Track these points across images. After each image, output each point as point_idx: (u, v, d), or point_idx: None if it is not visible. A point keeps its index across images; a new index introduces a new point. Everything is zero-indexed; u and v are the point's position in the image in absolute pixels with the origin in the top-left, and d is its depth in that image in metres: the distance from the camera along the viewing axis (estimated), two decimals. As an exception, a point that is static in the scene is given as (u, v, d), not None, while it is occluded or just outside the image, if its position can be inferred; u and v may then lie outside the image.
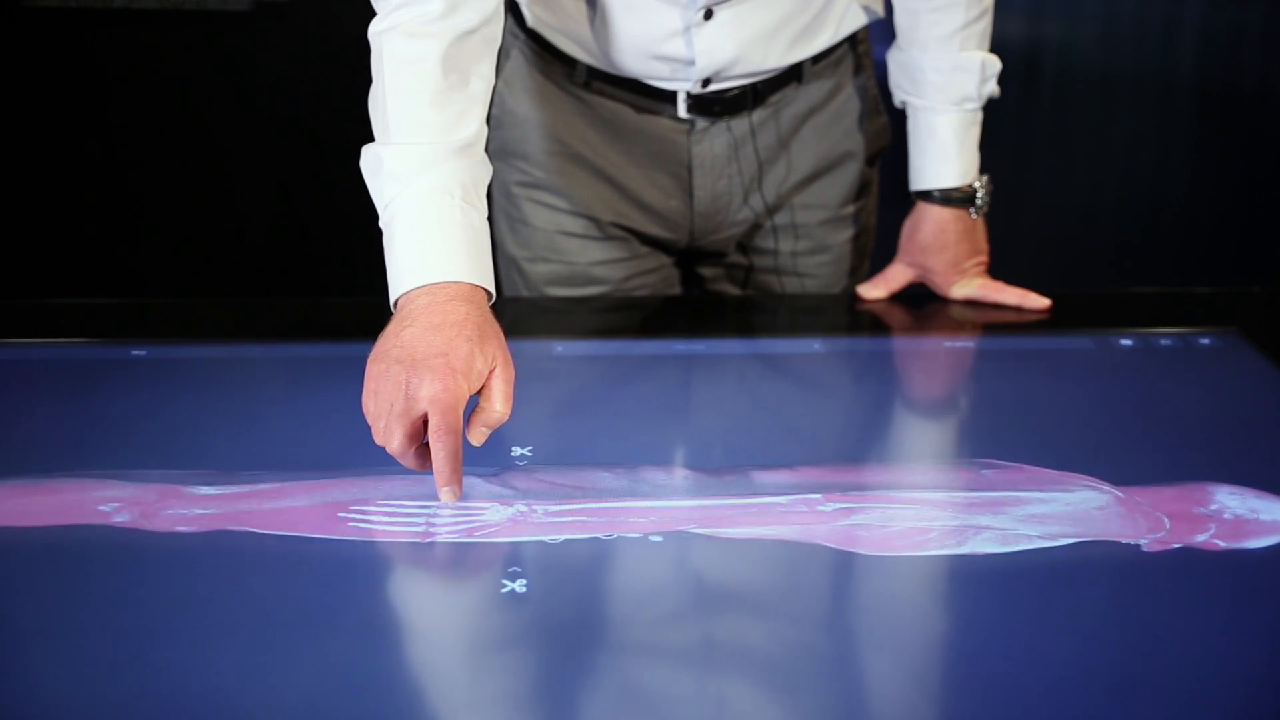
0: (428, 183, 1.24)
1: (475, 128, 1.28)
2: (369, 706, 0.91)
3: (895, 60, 1.63)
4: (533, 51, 1.60)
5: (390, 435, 1.15)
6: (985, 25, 1.59)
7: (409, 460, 1.15)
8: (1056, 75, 3.11)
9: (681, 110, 1.59)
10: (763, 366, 1.50)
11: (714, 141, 1.61)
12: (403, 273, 1.23)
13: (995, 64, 1.60)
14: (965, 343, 1.57)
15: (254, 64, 2.88)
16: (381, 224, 1.27)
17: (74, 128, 2.89)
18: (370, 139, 1.29)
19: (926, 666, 0.97)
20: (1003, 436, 1.30)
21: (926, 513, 1.15)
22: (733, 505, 1.15)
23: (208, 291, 2.93)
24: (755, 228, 1.69)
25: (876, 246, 1.77)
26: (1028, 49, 3.08)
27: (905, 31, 1.60)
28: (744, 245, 1.71)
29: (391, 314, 1.24)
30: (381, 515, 1.13)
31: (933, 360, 1.54)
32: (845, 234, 1.72)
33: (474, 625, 1.03)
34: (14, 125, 2.87)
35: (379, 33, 1.28)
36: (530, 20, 1.58)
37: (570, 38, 1.56)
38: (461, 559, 1.09)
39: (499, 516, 1.13)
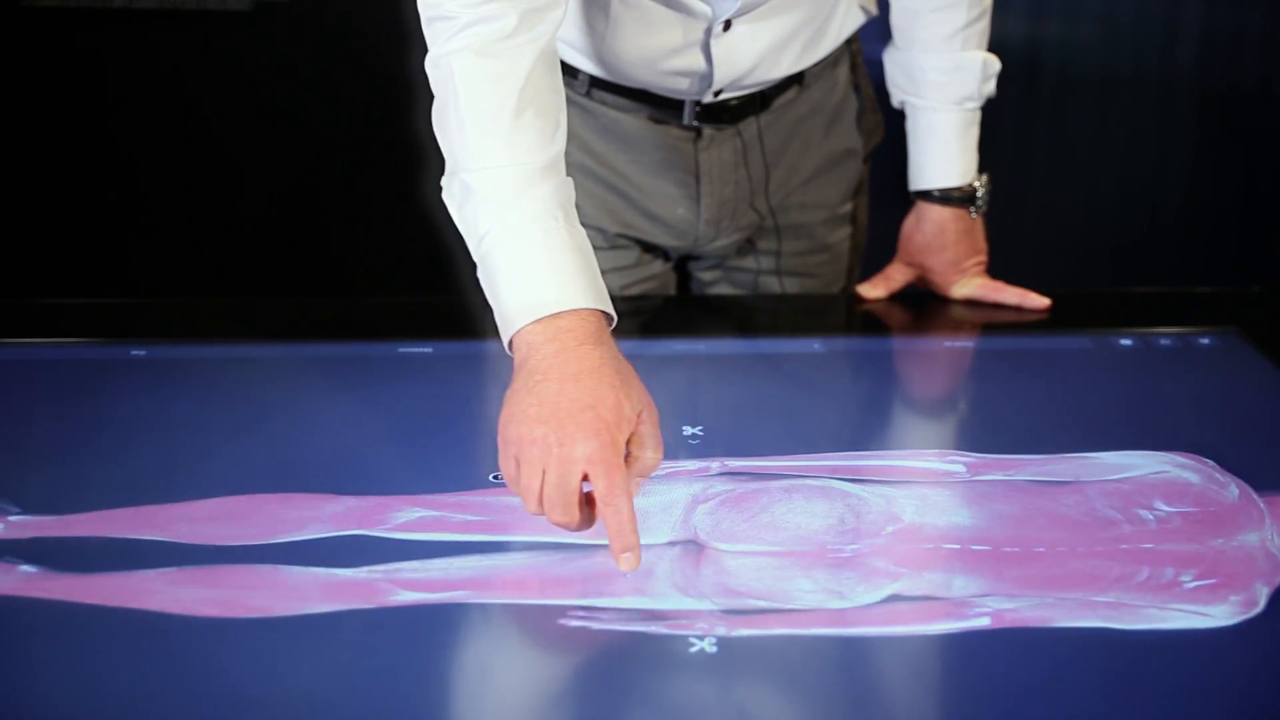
0: (528, 208, 1.17)
1: (561, 144, 1.22)
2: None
3: (893, 60, 1.63)
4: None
5: (553, 506, 1.05)
6: (985, 25, 1.59)
7: (575, 527, 1.07)
8: (1056, 75, 3.11)
9: (687, 118, 1.58)
10: (763, 366, 1.50)
11: (721, 149, 1.61)
12: (516, 308, 1.14)
13: (995, 64, 1.60)
14: (965, 343, 1.57)
15: (254, 64, 2.88)
16: (477, 256, 1.19)
17: (74, 128, 2.88)
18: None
19: None
20: (1002, 437, 1.30)
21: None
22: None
23: (208, 291, 2.93)
24: (759, 230, 1.69)
25: (874, 247, 1.77)
26: (1028, 49, 3.08)
27: (903, 31, 1.60)
28: (745, 247, 1.71)
29: (509, 356, 1.15)
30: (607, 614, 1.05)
31: (933, 360, 1.54)
32: (843, 232, 1.72)
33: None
34: (14, 125, 2.87)
35: (446, 54, 1.21)
36: None
37: (573, 47, 1.54)
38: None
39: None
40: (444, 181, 1.22)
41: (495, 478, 1.21)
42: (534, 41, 1.21)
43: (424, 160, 1.41)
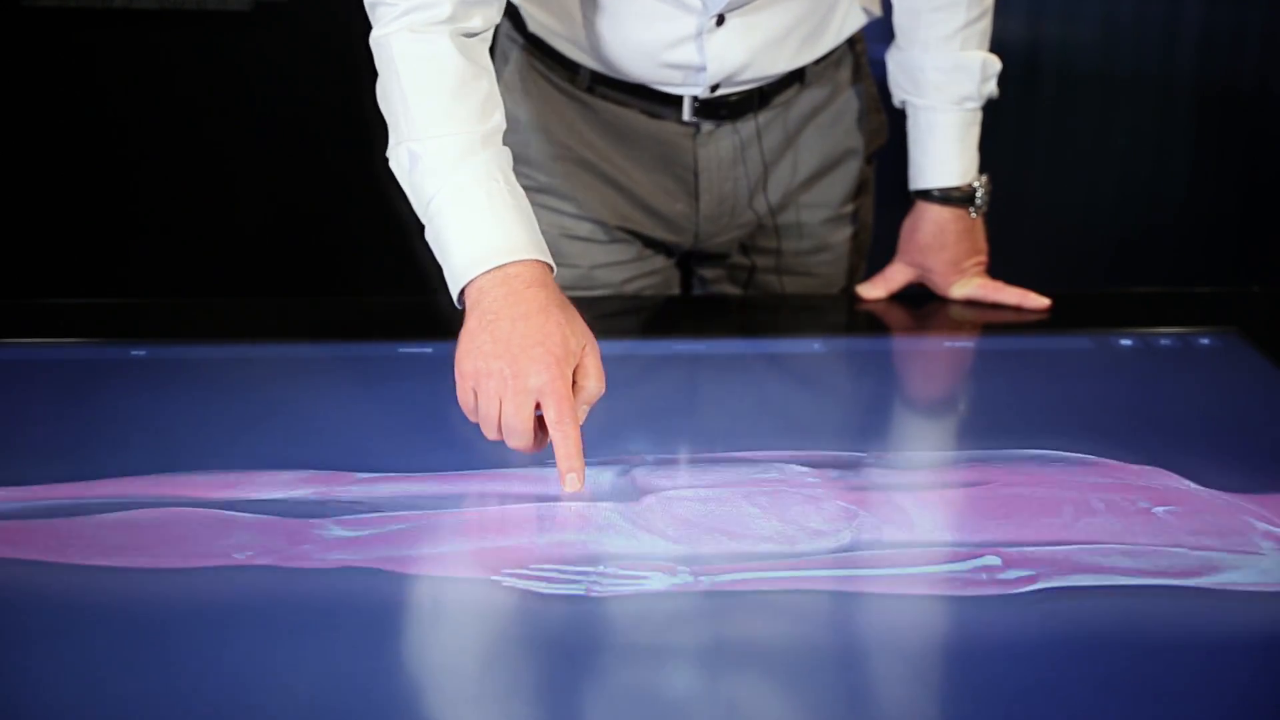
0: (470, 172, 1.27)
1: (500, 115, 1.31)
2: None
3: (895, 60, 1.63)
4: (534, 56, 1.60)
5: (511, 432, 1.19)
6: (985, 25, 1.60)
7: (529, 450, 1.20)
8: (1056, 75, 3.11)
9: (687, 114, 1.58)
10: (763, 366, 1.50)
11: (720, 145, 1.61)
12: (466, 260, 1.24)
13: (995, 64, 1.60)
14: (965, 343, 1.57)
15: (254, 64, 2.88)
16: (425, 218, 1.28)
17: (74, 128, 2.88)
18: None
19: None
20: (1002, 437, 1.30)
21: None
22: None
23: (208, 291, 2.93)
24: (759, 228, 1.69)
25: (875, 246, 1.77)
26: (1028, 49, 3.08)
27: (905, 31, 1.60)
28: (746, 245, 1.71)
29: (460, 309, 1.25)
30: (540, 580, 1.07)
31: (933, 360, 1.54)
32: (845, 232, 1.72)
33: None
34: (14, 125, 2.87)
35: (385, 35, 1.30)
36: (531, 25, 1.58)
37: (574, 43, 1.55)
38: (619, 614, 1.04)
39: (661, 585, 1.06)
40: (390, 152, 1.30)
41: None
42: (466, 31, 1.30)
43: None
